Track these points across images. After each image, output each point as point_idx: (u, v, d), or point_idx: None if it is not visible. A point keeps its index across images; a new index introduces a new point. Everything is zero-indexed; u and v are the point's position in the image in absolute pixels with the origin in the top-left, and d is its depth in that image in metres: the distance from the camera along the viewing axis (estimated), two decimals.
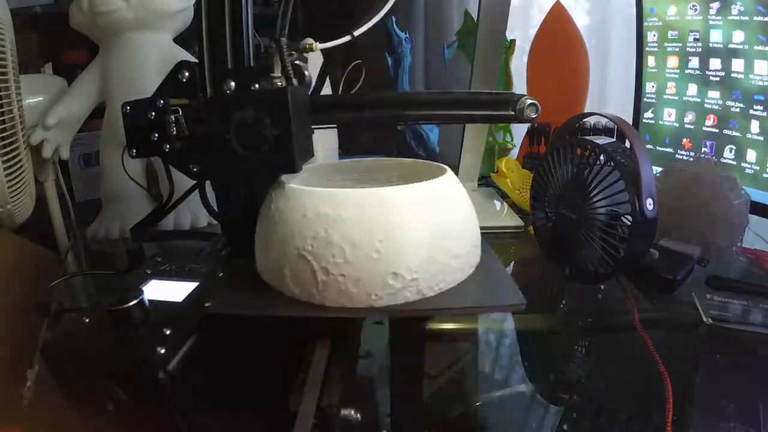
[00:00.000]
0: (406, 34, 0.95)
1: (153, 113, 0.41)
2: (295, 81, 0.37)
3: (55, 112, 0.68)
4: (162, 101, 0.40)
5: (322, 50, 0.41)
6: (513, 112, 0.34)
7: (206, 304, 0.33)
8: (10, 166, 0.54)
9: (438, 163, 0.40)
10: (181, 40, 0.75)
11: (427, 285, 0.32)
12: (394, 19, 0.92)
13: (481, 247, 0.37)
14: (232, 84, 0.36)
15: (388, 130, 1.02)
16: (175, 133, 0.39)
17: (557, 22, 0.91)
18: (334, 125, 0.42)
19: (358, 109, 0.37)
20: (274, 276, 0.34)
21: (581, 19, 1.00)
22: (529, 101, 0.34)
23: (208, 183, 0.47)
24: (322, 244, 0.31)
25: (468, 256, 0.35)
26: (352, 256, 0.30)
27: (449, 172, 0.37)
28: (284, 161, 0.34)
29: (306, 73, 0.39)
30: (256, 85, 0.36)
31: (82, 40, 0.73)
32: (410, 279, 0.31)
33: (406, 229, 0.31)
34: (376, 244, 0.30)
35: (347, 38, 0.40)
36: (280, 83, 0.36)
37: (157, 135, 0.41)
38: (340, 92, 0.81)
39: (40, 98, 0.69)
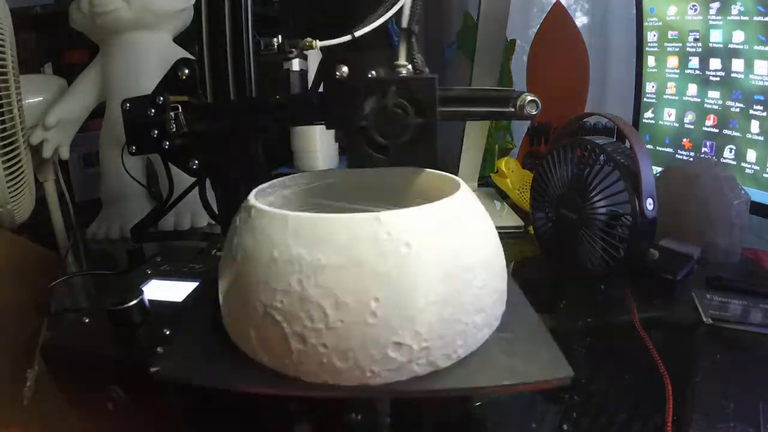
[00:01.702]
0: None
1: (152, 110, 0.41)
2: (426, 70, 0.35)
3: (55, 112, 0.68)
4: (161, 98, 0.40)
5: (322, 49, 0.41)
6: (513, 109, 0.34)
7: (151, 369, 0.26)
8: (10, 166, 0.54)
9: (450, 175, 0.34)
10: (181, 40, 0.75)
11: (442, 353, 0.24)
12: (393, 20, 0.92)
13: (506, 291, 0.29)
14: (345, 69, 0.34)
15: None
16: (174, 130, 0.40)
17: (557, 22, 0.91)
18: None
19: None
20: (238, 336, 0.27)
21: (581, 19, 0.99)
22: (529, 98, 0.34)
23: (208, 184, 0.47)
24: (295, 301, 0.23)
25: (494, 306, 0.27)
26: (336, 319, 0.22)
27: (464, 187, 0.30)
28: (426, 152, 0.32)
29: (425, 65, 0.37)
30: (373, 72, 0.35)
31: (82, 40, 0.73)
32: (419, 349, 0.23)
33: (415, 277, 0.23)
34: (371, 303, 0.22)
35: (347, 38, 0.40)
36: (404, 71, 0.35)
37: (156, 132, 0.41)
38: None
39: (40, 98, 0.69)
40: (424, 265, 0.23)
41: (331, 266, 0.23)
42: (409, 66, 0.35)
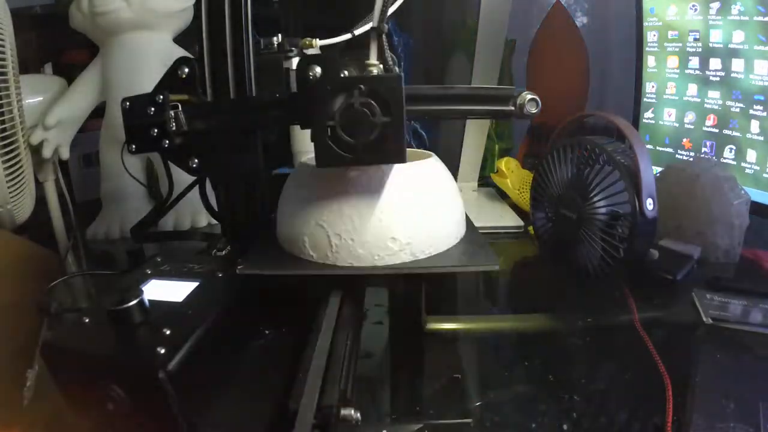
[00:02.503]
0: (405, 36, 0.96)
1: (152, 109, 0.41)
2: (396, 69, 0.36)
3: (55, 112, 0.68)
4: (161, 97, 0.40)
5: (322, 48, 0.41)
6: (513, 108, 0.34)
7: (238, 267, 0.37)
8: (10, 166, 0.54)
9: (423, 150, 0.47)
10: (181, 40, 0.75)
11: (419, 249, 0.38)
12: (392, 20, 0.92)
13: (466, 223, 0.44)
14: (318, 69, 0.35)
15: None
16: (174, 128, 0.40)
17: (557, 22, 0.91)
18: None
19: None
20: (294, 243, 0.39)
21: (581, 19, 1.00)
22: (529, 96, 0.34)
23: (208, 184, 0.47)
24: (335, 215, 0.37)
25: (453, 226, 0.41)
26: (359, 224, 0.36)
27: (434, 157, 0.43)
28: (393, 150, 0.33)
29: (396, 62, 0.39)
30: (345, 72, 0.36)
31: (82, 40, 0.73)
32: (405, 243, 0.37)
33: (402, 202, 0.37)
34: (379, 214, 0.37)
35: (347, 36, 0.40)
36: (375, 71, 0.35)
37: (156, 130, 0.41)
38: None
39: (40, 98, 0.69)
40: (408, 194, 0.38)
41: (357, 195, 0.37)
42: (381, 65, 0.35)
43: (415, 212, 0.38)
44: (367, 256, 0.37)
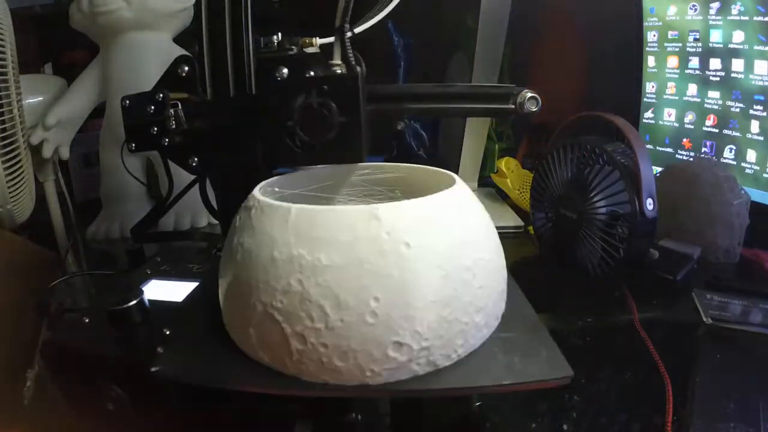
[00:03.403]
0: (405, 36, 0.96)
1: (152, 107, 0.41)
2: (358, 68, 0.36)
3: (55, 112, 0.68)
4: (161, 95, 0.40)
5: (321, 46, 0.41)
6: (513, 106, 0.34)
7: (151, 369, 0.26)
8: (10, 166, 0.54)
9: (446, 171, 0.34)
10: (181, 40, 0.75)
11: (442, 353, 0.24)
12: (391, 19, 0.92)
13: (506, 291, 0.29)
14: (285, 71, 0.35)
15: (387, 130, 1.02)
16: (174, 127, 0.40)
17: (557, 22, 0.91)
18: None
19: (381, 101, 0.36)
20: (238, 335, 0.27)
21: (581, 19, 0.99)
22: (529, 94, 0.34)
23: (208, 183, 0.47)
24: (295, 300, 0.23)
25: (494, 306, 0.27)
26: (336, 319, 0.22)
27: (459, 181, 0.30)
28: (351, 150, 0.32)
29: (362, 62, 0.38)
30: (311, 73, 0.35)
31: (82, 40, 0.73)
32: (419, 348, 0.23)
33: (413, 274, 0.23)
34: (371, 302, 0.22)
35: (347, 34, 0.40)
36: (340, 71, 0.35)
37: (156, 129, 0.41)
38: None
39: (40, 98, 0.69)
40: (424, 264, 0.23)
41: (332, 265, 0.23)
42: (343, 65, 0.35)
43: (436, 292, 0.23)
44: (353, 372, 0.23)
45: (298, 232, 0.24)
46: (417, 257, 0.23)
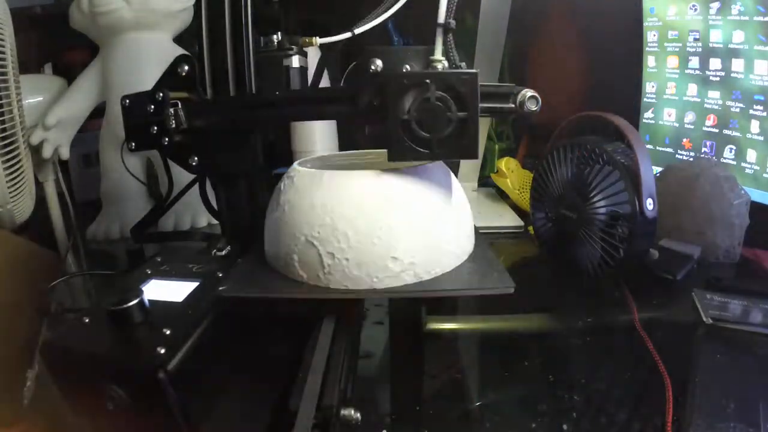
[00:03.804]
0: (405, 37, 0.96)
1: (152, 106, 0.41)
2: (462, 65, 0.35)
3: (55, 112, 0.68)
4: (161, 94, 0.40)
5: (321, 46, 0.41)
6: (513, 105, 0.34)
7: (220, 288, 0.34)
8: (10, 166, 0.54)
9: None
10: (181, 40, 0.75)
11: (424, 269, 0.34)
12: (391, 19, 0.92)
13: (474, 237, 0.39)
14: (379, 62, 0.34)
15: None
16: (174, 126, 0.40)
17: (557, 22, 0.91)
18: None
19: None
20: (283, 262, 0.36)
21: (581, 19, 0.99)
22: (529, 94, 0.34)
23: (208, 183, 0.47)
24: (328, 231, 0.33)
25: (461, 243, 0.37)
26: (355, 241, 0.32)
27: (440, 162, 0.39)
28: (467, 146, 0.32)
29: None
30: (407, 67, 0.35)
31: (82, 40, 0.74)
32: (408, 263, 0.33)
33: (405, 216, 0.33)
34: (377, 230, 0.32)
35: (347, 35, 0.40)
36: (440, 66, 0.35)
37: (156, 128, 0.41)
38: None
39: (40, 98, 0.69)
40: (411, 208, 0.34)
41: (352, 208, 0.33)
42: (445, 61, 0.35)
43: (420, 227, 0.33)
44: (365, 279, 0.33)
45: (329, 189, 0.34)
46: (406, 204, 0.34)
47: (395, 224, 0.33)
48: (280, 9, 0.43)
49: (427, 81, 0.32)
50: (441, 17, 0.35)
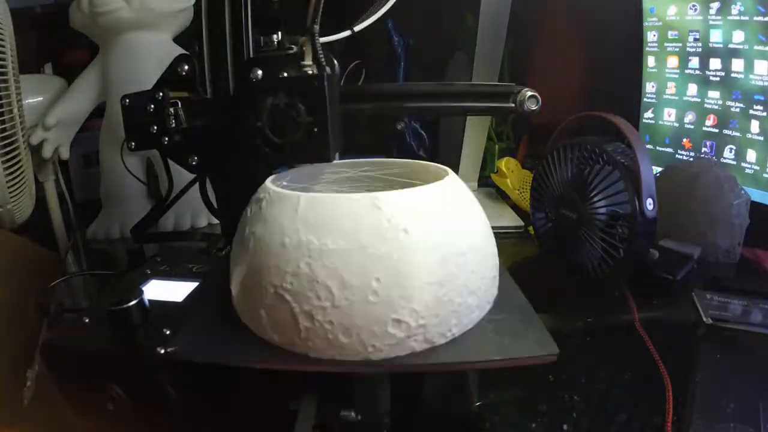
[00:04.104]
0: (405, 37, 0.96)
1: (152, 106, 0.41)
2: (328, 69, 0.36)
3: (55, 112, 0.68)
4: (161, 94, 0.40)
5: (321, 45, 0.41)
6: (513, 104, 0.34)
7: (168, 349, 0.28)
8: (10, 166, 0.54)
9: (438, 164, 0.35)
10: (181, 40, 0.75)
11: (438, 331, 0.26)
12: (390, 21, 0.92)
13: (498, 276, 0.31)
14: (259, 72, 0.35)
15: (388, 130, 1.02)
16: (173, 125, 0.39)
17: (557, 22, 0.91)
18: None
19: (365, 100, 0.36)
20: (248, 316, 0.29)
21: (581, 19, 0.99)
22: (529, 93, 0.34)
23: (208, 183, 0.47)
24: (304, 281, 0.25)
25: (487, 290, 0.29)
26: (341, 298, 0.24)
27: (451, 174, 0.32)
28: (318, 149, 0.33)
29: (335, 62, 0.38)
30: (285, 74, 0.36)
31: (82, 40, 0.73)
32: (417, 326, 0.25)
33: (411, 257, 0.25)
34: (372, 282, 0.24)
35: (347, 33, 0.40)
36: (311, 71, 0.35)
37: (155, 128, 0.41)
38: None
39: (40, 98, 0.69)
40: (421, 248, 0.25)
41: (337, 249, 0.25)
42: (314, 65, 0.35)
43: (432, 273, 0.25)
44: (356, 347, 0.25)
45: (306, 219, 0.26)
46: (414, 242, 0.25)
47: (399, 269, 0.25)
48: (280, 8, 0.43)
49: (276, 88, 0.33)
50: (308, 20, 0.35)
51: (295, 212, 0.26)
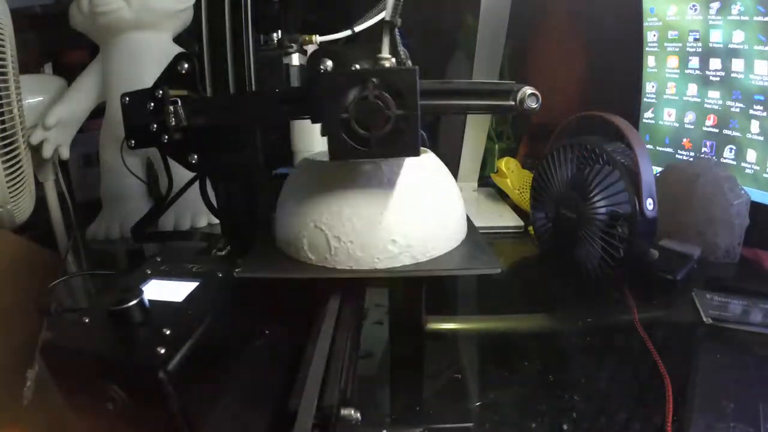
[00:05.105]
0: (405, 36, 0.96)
1: (152, 104, 0.41)
2: (409, 62, 0.35)
3: (55, 112, 0.68)
4: (161, 92, 0.40)
5: (321, 44, 0.41)
6: (513, 103, 0.34)
7: (236, 270, 0.37)
8: (10, 166, 0.54)
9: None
10: (181, 40, 0.75)
11: (420, 251, 0.37)
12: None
13: (466, 226, 0.43)
14: (329, 63, 0.36)
15: None
16: (173, 123, 0.39)
17: (557, 22, 0.91)
18: None
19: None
20: (293, 246, 0.39)
21: (581, 18, 0.99)
22: (529, 91, 0.34)
23: (208, 183, 0.47)
24: (335, 217, 0.36)
25: (454, 228, 0.40)
26: (359, 226, 0.36)
27: (430, 153, 0.42)
28: (406, 143, 0.32)
29: (408, 57, 0.39)
30: (357, 66, 0.35)
31: (82, 40, 0.73)
32: (406, 245, 0.36)
33: (403, 203, 0.36)
34: (378, 215, 0.36)
35: (347, 33, 0.40)
36: (388, 64, 0.35)
37: (155, 126, 0.41)
38: None
39: (40, 98, 0.69)
40: (409, 195, 0.37)
41: (356, 197, 0.36)
42: (393, 59, 0.35)
43: (416, 213, 0.37)
44: (367, 259, 0.36)
45: (336, 179, 0.37)
46: (405, 192, 0.37)
47: (394, 210, 0.36)
48: (280, 8, 0.43)
49: (365, 79, 0.32)
50: (387, 14, 0.35)
51: (327, 173, 0.38)
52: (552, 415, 0.35)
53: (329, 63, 0.36)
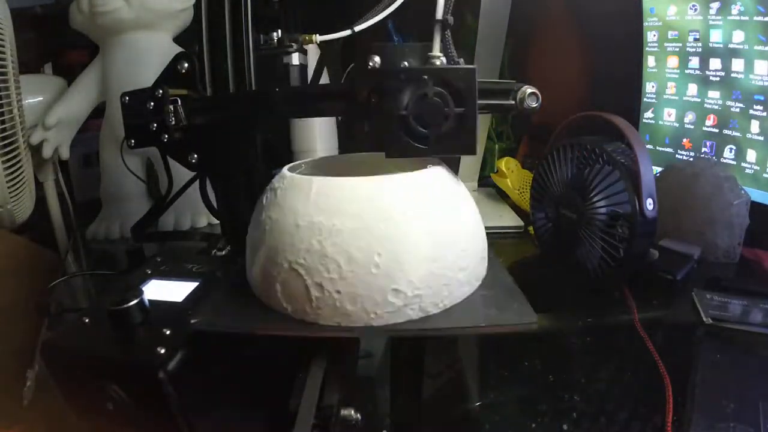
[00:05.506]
0: (405, 37, 0.96)
1: (152, 103, 0.40)
2: (461, 61, 0.35)
3: (55, 112, 0.68)
4: (161, 91, 0.40)
5: (321, 44, 0.41)
6: (513, 102, 0.34)
7: (192, 321, 0.31)
8: (10, 166, 0.54)
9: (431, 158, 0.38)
10: (181, 40, 0.75)
11: (431, 301, 0.29)
12: (391, 21, 0.92)
13: (487, 257, 0.35)
14: (377, 59, 0.34)
15: None
16: (173, 123, 0.39)
17: (558, 22, 0.91)
18: None
19: None
20: (264, 290, 0.32)
21: (581, 18, 0.99)
22: (529, 90, 0.34)
23: (208, 183, 0.47)
24: (315, 257, 0.28)
25: (475, 268, 0.32)
26: (348, 270, 0.28)
27: (442, 165, 0.36)
28: (465, 142, 0.32)
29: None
30: (406, 63, 0.35)
31: (82, 40, 0.74)
32: (413, 295, 0.28)
33: (408, 237, 0.28)
34: (375, 257, 0.28)
35: (347, 32, 0.40)
36: (438, 62, 0.34)
37: (155, 125, 0.41)
38: None
39: (40, 98, 0.69)
40: (416, 227, 0.29)
41: (345, 229, 0.28)
42: (443, 57, 0.35)
43: (427, 249, 0.29)
44: (360, 314, 0.28)
45: (317, 202, 0.29)
46: (411, 221, 0.29)
47: (398, 246, 0.28)
48: (280, 8, 0.43)
49: (425, 77, 0.31)
50: (439, 13, 0.34)
51: (307, 196, 0.29)
52: (552, 415, 0.35)
53: (377, 59, 0.34)
